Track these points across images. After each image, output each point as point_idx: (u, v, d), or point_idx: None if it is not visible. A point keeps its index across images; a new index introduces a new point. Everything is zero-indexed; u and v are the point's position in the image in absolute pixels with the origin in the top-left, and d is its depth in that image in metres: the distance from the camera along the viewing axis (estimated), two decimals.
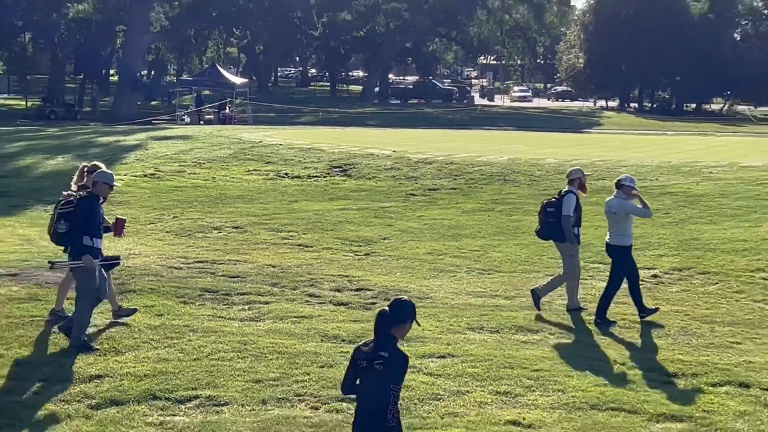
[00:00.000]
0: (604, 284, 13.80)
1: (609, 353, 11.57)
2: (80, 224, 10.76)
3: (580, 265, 14.32)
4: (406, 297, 6.72)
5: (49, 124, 47.18)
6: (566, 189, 14.06)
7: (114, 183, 11.73)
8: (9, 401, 9.02)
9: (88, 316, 10.96)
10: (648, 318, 13.19)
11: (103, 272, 11.14)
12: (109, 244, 14.93)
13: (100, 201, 11.12)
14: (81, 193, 11.21)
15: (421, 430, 8.46)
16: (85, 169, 11.67)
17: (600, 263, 15.90)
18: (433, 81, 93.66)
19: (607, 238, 13.71)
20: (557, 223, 13.73)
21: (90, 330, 11.32)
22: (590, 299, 14.36)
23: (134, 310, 11.97)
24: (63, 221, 10.93)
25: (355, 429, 6.26)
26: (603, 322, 13.15)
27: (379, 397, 6.05)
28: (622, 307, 13.90)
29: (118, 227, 11.74)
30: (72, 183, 11.88)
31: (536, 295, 13.66)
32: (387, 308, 6.20)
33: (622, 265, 13.41)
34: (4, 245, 17.50)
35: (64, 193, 11.48)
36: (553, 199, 14.07)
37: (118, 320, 11.59)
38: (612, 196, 13.57)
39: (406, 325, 6.17)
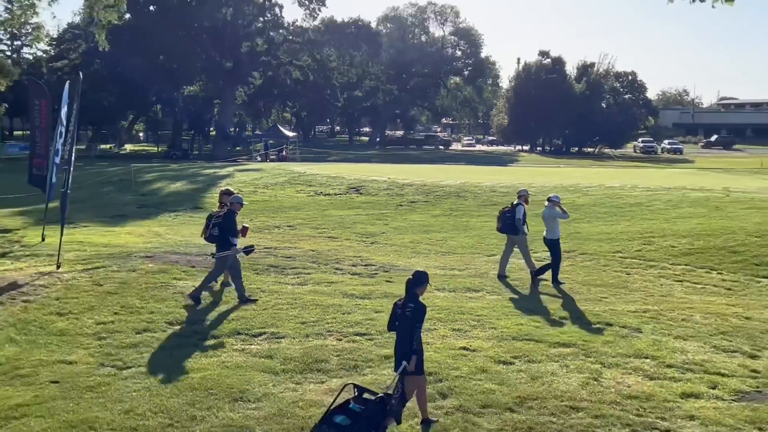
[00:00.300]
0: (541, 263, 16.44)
1: (525, 305, 13.67)
2: (225, 229, 13.39)
3: (528, 247, 16.68)
4: (423, 269, 8.55)
5: (172, 162, 50.61)
6: (517, 201, 16.48)
7: (244, 203, 14.60)
8: (143, 336, 11.07)
9: (210, 281, 13.58)
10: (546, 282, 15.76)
11: (238, 258, 13.76)
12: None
13: (236, 214, 13.69)
14: (224, 209, 13.85)
15: (425, 353, 9.92)
16: (222, 192, 14.65)
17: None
18: (412, 133, 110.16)
19: (544, 233, 16.21)
20: (512, 223, 16.17)
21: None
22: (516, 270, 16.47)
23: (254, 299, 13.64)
24: (216, 227, 13.50)
25: (396, 351, 8.25)
26: (556, 283, 15.74)
27: (409, 331, 7.94)
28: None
29: (244, 232, 14.02)
30: (222, 197, 14.65)
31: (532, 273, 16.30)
32: (412, 276, 8.27)
33: (556, 250, 15.97)
34: (143, 238, 19.95)
35: (215, 210, 14.14)
36: (508, 207, 16.55)
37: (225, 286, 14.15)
38: (545, 207, 16.27)
39: (424, 286, 8.21)
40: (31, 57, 72.77)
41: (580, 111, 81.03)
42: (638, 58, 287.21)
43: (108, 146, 71.70)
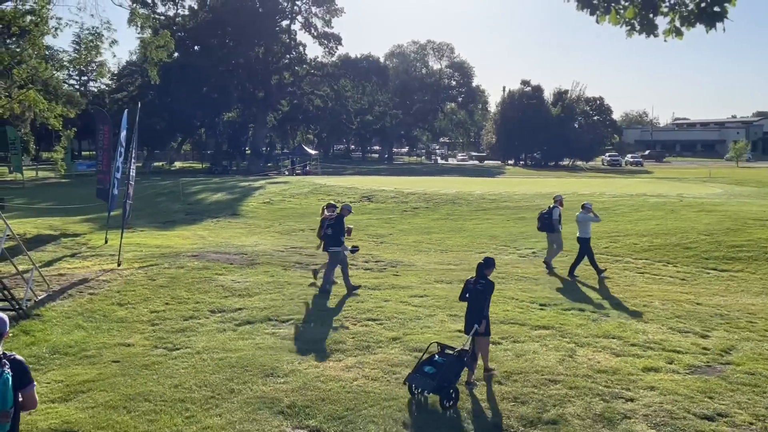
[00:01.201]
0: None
1: (511, 293, 13.54)
2: (338, 230, 13.51)
3: (562, 244, 16.86)
4: (491, 255, 9.57)
5: (213, 177, 50.82)
6: (553, 204, 16.97)
7: (352, 210, 15.08)
8: (190, 322, 11.14)
9: (331, 273, 13.58)
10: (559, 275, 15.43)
11: (346, 254, 13.82)
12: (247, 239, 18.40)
13: (344, 218, 13.86)
14: (335, 214, 13.85)
15: (411, 335, 10.50)
16: (324, 205, 14.56)
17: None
18: (417, 150, 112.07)
19: (577, 233, 16.19)
20: (549, 223, 16.62)
21: (249, 282, 13.61)
22: (501, 265, 16.44)
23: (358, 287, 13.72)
24: (330, 229, 13.51)
25: (467, 317, 8.99)
26: (572, 276, 15.77)
27: (481, 302, 8.84)
28: (522, 267, 15.97)
29: (349, 232, 14.09)
30: (323, 210, 14.30)
31: (547, 265, 16.68)
32: (483, 261, 9.29)
33: (587, 247, 16.02)
34: (189, 240, 19.95)
35: (327, 213, 13.91)
36: (545, 210, 17.05)
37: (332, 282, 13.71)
38: (579, 212, 16.35)
39: (491, 269, 9.12)
40: (95, 90, 73.28)
41: (556, 130, 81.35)
42: (605, 85, 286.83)
43: (160, 164, 71.94)
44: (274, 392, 8.11)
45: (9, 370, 4.62)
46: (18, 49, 20.37)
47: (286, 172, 58.25)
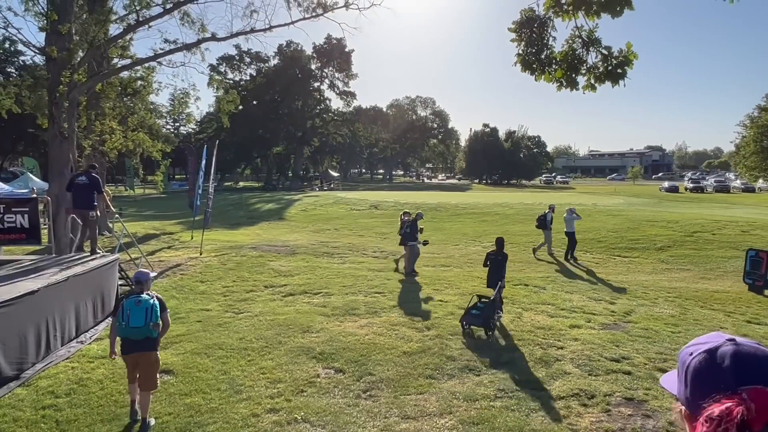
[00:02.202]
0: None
1: (477, 274, 13.14)
2: (413, 230, 13.25)
3: (551, 239, 16.76)
4: (501, 236, 9.79)
5: (266, 192, 50.69)
6: (548, 210, 17.02)
7: (423, 216, 14.56)
8: (250, 294, 10.95)
9: (413, 265, 13.18)
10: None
11: (419, 247, 13.32)
12: (277, 236, 18.18)
13: (417, 222, 13.54)
14: (410, 218, 13.58)
15: (406, 303, 10.39)
16: (402, 215, 14.09)
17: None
18: (409, 173, 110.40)
19: (565, 229, 16.23)
20: (544, 222, 16.62)
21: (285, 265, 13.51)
22: (472, 254, 17.07)
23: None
24: (408, 228, 13.19)
25: (490, 277, 9.56)
26: (572, 260, 15.81)
27: (502, 267, 9.41)
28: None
29: (420, 231, 13.53)
30: (402, 216, 14.03)
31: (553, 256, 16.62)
32: (499, 239, 9.96)
33: (573, 239, 16.12)
34: (249, 237, 19.75)
35: (404, 219, 13.67)
36: (542, 214, 17.01)
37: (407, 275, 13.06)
38: (566, 213, 16.44)
39: (504, 247, 9.78)
40: (184, 132, 73.28)
41: (508, 159, 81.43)
42: (542, 126, 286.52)
43: (229, 183, 71.95)
44: (309, 343, 8.09)
45: (156, 301, 5.82)
46: (131, 104, 20.45)
47: (317, 189, 58.31)
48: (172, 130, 70.14)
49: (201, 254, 15.51)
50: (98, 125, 17.32)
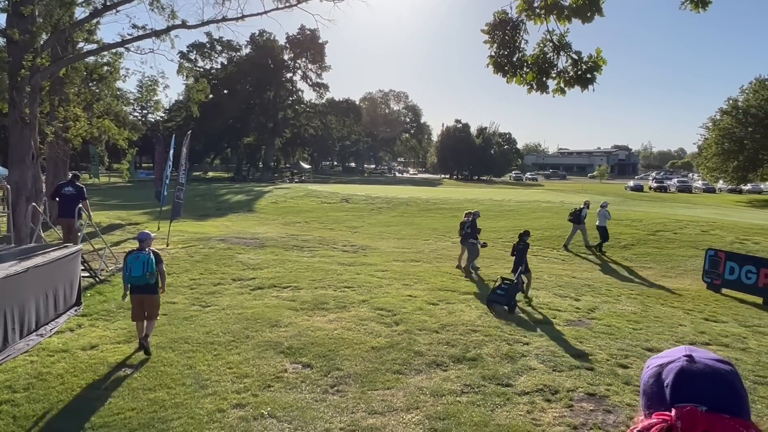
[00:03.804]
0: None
1: (446, 269, 13.51)
2: (473, 229, 13.34)
3: (587, 231, 17.50)
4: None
5: (235, 183, 49.70)
6: (582, 206, 17.78)
7: (480, 215, 14.48)
8: (218, 287, 10.85)
9: (471, 262, 13.20)
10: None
11: (479, 246, 13.27)
12: (249, 228, 17.97)
13: (476, 221, 13.64)
14: (470, 219, 13.58)
15: (375, 298, 10.34)
16: (466, 213, 14.02)
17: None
18: (380, 166, 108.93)
19: (596, 223, 17.08)
20: (579, 217, 17.35)
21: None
22: (444, 249, 17.57)
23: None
24: (469, 228, 13.29)
25: (515, 263, 10.77)
26: (600, 251, 16.79)
27: (524, 254, 10.62)
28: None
29: (479, 232, 13.66)
30: (465, 215, 13.94)
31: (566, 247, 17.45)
32: (523, 232, 11.34)
33: (605, 232, 16.96)
34: (218, 228, 19.39)
35: (465, 219, 13.66)
36: (575, 210, 17.71)
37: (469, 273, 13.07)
38: (600, 209, 17.26)
39: (527, 236, 11.19)
40: (152, 119, 71.62)
41: (479, 155, 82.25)
42: (513, 123, 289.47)
43: (198, 173, 70.69)
44: (277, 338, 8.03)
45: (152, 255, 7.38)
46: (97, 90, 19.90)
47: (288, 181, 57.84)
48: (139, 118, 68.52)
49: (167, 246, 15.18)
50: (62, 111, 16.79)
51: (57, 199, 11.93)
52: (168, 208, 18.46)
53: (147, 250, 7.43)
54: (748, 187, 55.51)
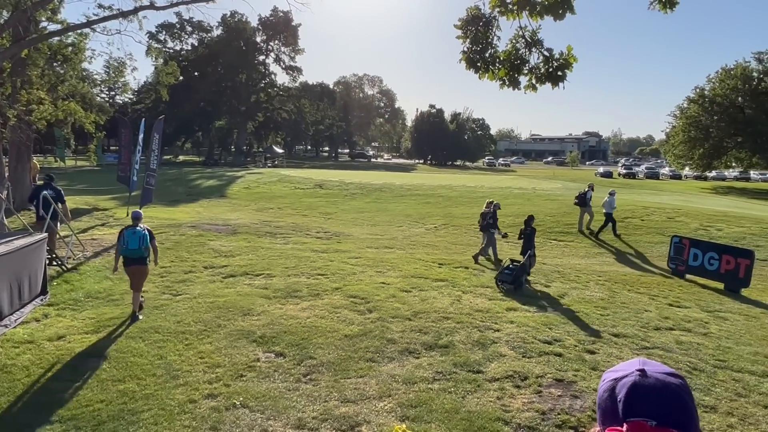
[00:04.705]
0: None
1: (419, 256, 13.45)
2: (495, 219, 13.49)
3: (593, 214, 18.06)
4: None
5: (207, 168, 48.55)
6: (587, 189, 18.28)
7: (500, 207, 14.42)
8: (189, 275, 10.71)
9: (490, 248, 13.49)
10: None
11: (497, 236, 13.57)
12: (225, 215, 17.82)
13: (497, 211, 13.75)
14: (491, 209, 13.61)
15: (348, 285, 10.35)
16: (488, 202, 14.00)
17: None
18: (354, 151, 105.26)
19: (604, 210, 17.43)
20: (584, 200, 17.87)
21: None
22: (416, 235, 17.48)
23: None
24: (491, 218, 13.44)
25: (523, 247, 11.57)
26: (616, 236, 17.27)
27: (532, 239, 11.40)
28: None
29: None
30: (486, 205, 13.90)
31: (587, 231, 17.80)
32: (528, 217, 12.19)
33: (611, 217, 17.43)
34: (189, 214, 19.03)
35: (486, 209, 13.70)
36: (581, 192, 18.21)
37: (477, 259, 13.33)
38: (608, 196, 17.58)
39: (533, 221, 12.07)
40: (120, 101, 69.84)
41: (453, 140, 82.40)
42: (486, 109, 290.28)
43: (168, 157, 69.28)
44: (250, 326, 7.98)
45: (146, 231, 8.31)
46: (62, 71, 19.27)
47: (261, 165, 57.19)
48: (107, 100, 66.73)
49: None
50: (24, 94, 16.23)
51: (35, 202, 12.07)
52: (137, 194, 18.10)
53: (141, 226, 8.31)
54: (713, 174, 57.06)
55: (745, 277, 11.51)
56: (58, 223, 12.03)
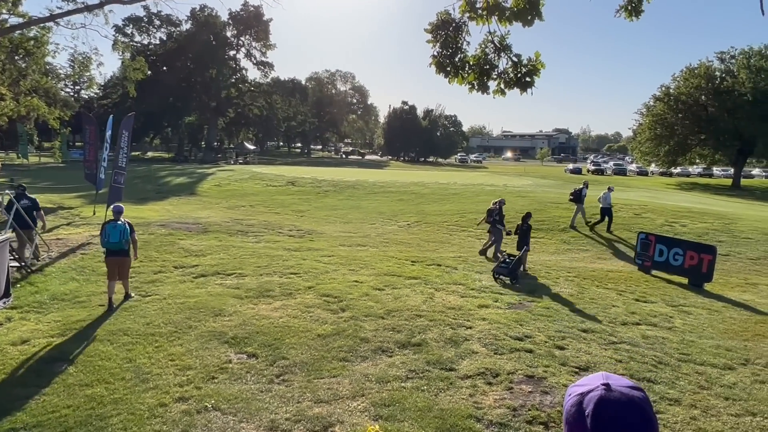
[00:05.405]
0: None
1: (392, 253, 13.46)
2: (502, 216, 13.71)
3: (585, 211, 18.32)
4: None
5: (177, 165, 47.59)
6: (582, 186, 18.55)
7: (505, 203, 14.63)
8: (158, 275, 10.56)
9: (499, 245, 13.66)
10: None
11: (503, 233, 13.69)
12: (195, 213, 17.57)
13: (502, 208, 14.03)
14: (497, 206, 13.84)
15: (321, 284, 10.28)
16: (493, 202, 14.22)
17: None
18: (327, 148, 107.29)
19: (601, 205, 17.81)
20: (579, 196, 18.15)
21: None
22: (390, 233, 17.36)
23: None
24: (498, 215, 13.68)
25: (518, 242, 12.25)
26: (609, 232, 17.59)
27: (527, 235, 12.07)
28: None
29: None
30: (492, 203, 14.22)
31: (590, 225, 18.02)
32: (525, 214, 12.87)
33: (610, 213, 17.78)
34: (158, 213, 18.64)
35: (493, 206, 13.96)
36: (577, 189, 18.49)
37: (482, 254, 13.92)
38: (604, 192, 18.01)
39: (530, 218, 12.60)
40: (86, 96, 68.10)
41: (425, 137, 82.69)
42: (459, 107, 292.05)
43: (136, 153, 67.90)
44: (222, 327, 7.89)
45: (127, 225, 8.82)
46: (24, 66, 18.71)
47: (232, 162, 56.44)
48: (72, 94, 65.04)
49: None
50: None
51: (14, 211, 11.84)
52: (105, 191, 17.69)
53: (122, 220, 8.78)
54: (678, 170, 58.49)
55: (708, 272, 11.84)
56: (34, 232, 11.75)
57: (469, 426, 5.45)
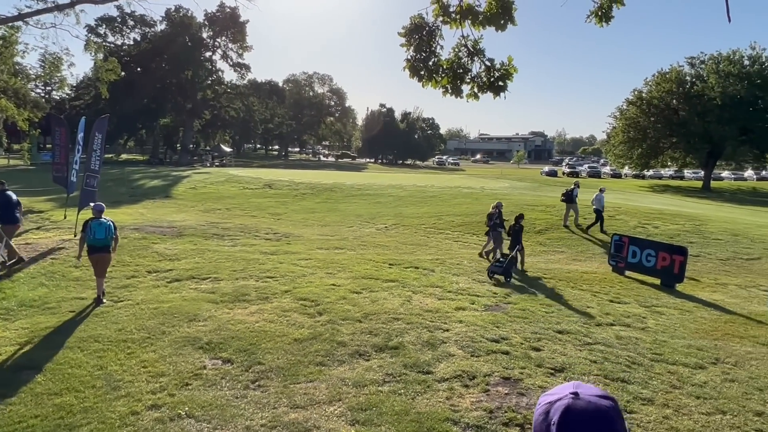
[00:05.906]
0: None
1: (370, 256, 13.40)
2: (502, 220, 13.93)
3: (578, 211, 18.84)
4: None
5: (151, 167, 46.64)
6: (573, 186, 19.05)
7: (502, 207, 14.58)
8: (131, 280, 10.36)
9: (499, 246, 13.87)
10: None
11: (502, 235, 13.97)
12: (171, 216, 17.31)
13: (501, 211, 14.18)
14: (496, 210, 14.05)
15: (298, 288, 10.21)
16: (493, 206, 14.39)
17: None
18: (305, 150, 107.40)
19: (594, 206, 18.27)
20: (571, 197, 18.54)
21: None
22: (371, 235, 17.44)
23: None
24: (498, 219, 13.97)
25: (511, 242, 12.68)
26: (586, 230, 18.13)
27: (519, 236, 12.39)
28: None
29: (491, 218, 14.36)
30: (492, 207, 14.41)
31: (582, 227, 18.38)
32: (519, 215, 13.30)
33: (601, 214, 18.14)
34: (132, 216, 18.16)
35: (492, 210, 14.19)
36: (568, 189, 18.87)
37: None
38: (597, 193, 18.50)
39: (522, 219, 13.21)
40: (57, 98, 66.65)
41: (403, 139, 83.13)
42: (436, 109, 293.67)
43: (110, 155, 66.64)
44: (196, 333, 7.77)
45: (111, 223, 9.19)
46: None
47: (208, 165, 55.91)
48: (43, 95, 63.58)
49: (75, 236, 14.18)
50: None
51: None
52: (76, 195, 17.30)
53: (105, 218, 9.14)
54: (650, 173, 59.65)
55: (680, 273, 12.09)
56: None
57: (446, 429, 5.45)
